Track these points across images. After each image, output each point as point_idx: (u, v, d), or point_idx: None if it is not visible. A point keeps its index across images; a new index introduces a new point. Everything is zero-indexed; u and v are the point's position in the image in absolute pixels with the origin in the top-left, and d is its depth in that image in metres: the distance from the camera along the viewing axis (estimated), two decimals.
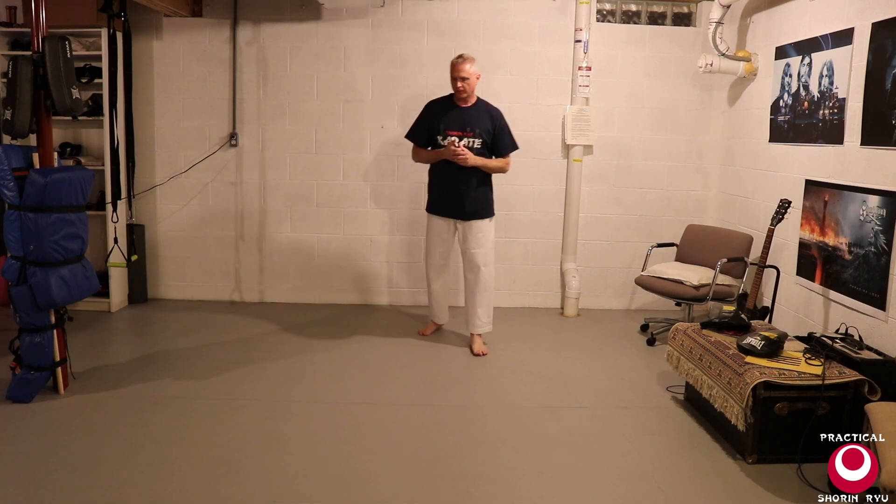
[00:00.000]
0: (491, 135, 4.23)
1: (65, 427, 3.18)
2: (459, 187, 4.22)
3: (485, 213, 4.30)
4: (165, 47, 5.23)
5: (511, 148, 4.33)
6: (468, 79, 4.13)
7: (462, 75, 4.12)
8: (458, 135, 4.18)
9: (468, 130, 4.19)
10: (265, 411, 3.41)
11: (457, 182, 4.22)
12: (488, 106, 4.30)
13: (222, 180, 5.36)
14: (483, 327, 4.40)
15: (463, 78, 4.12)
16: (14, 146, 3.38)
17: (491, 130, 4.22)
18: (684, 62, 5.25)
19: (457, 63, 4.14)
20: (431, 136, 4.29)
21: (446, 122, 4.22)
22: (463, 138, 4.17)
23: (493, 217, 4.36)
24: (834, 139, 3.80)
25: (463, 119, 4.21)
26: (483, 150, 4.22)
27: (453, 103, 4.27)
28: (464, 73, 4.12)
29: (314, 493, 2.68)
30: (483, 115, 4.24)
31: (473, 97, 4.25)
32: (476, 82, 4.21)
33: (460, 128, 4.19)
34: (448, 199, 4.29)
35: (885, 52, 3.36)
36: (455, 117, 4.22)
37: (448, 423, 3.36)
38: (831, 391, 2.93)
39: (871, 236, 3.41)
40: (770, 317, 4.10)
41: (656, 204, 5.44)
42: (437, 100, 4.37)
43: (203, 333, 4.64)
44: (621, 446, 3.15)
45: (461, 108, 4.24)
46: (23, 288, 3.31)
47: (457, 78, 4.13)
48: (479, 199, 4.27)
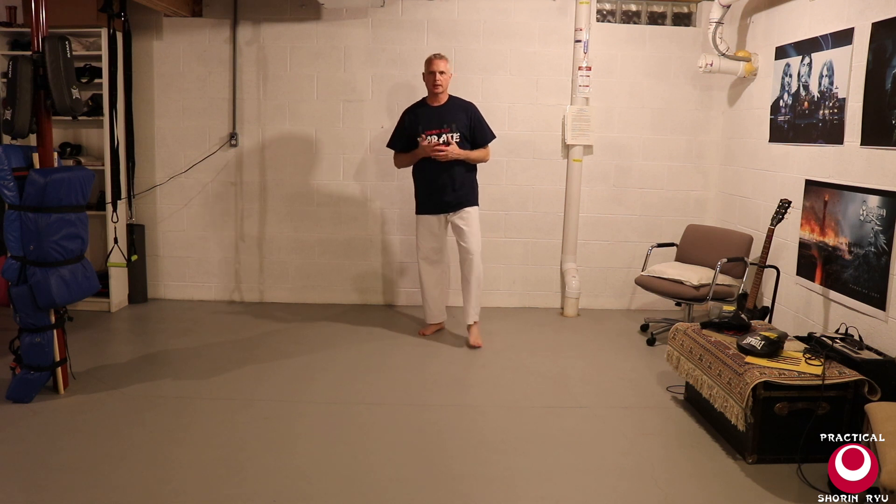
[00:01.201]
0: (468, 128, 4.39)
1: (65, 427, 3.18)
2: (444, 178, 4.36)
3: (472, 200, 4.46)
4: (165, 47, 5.23)
5: (490, 137, 4.49)
6: (445, 73, 4.34)
7: (440, 69, 4.32)
8: (437, 132, 4.34)
9: (445, 127, 4.35)
10: (265, 411, 3.41)
11: (441, 174, 4.36)
12: (461, 101, 4.48)
13: (222, 180, 5.36)
14: (476, 315, 4.52)
15: (441, 72, 4.32)
16: (14, 146, 3.38)
17: (468, 123, 4.39)
18: (684, 62, 5.25)
19: (434, 58, 4.36)
20: (410, 140, 4.44)
21: (423, 122, 4.38)
22: (442, 135, 4.34)
23: (478, 206, 4.51)
24: (834, 139, 3.80)
25: (439, 117, 4.38)
26: (463, 143, 4.38)
27: (426, 105, 4.45)
28: (441, 66, 4.33)
29: (314, 493, 2.68)
30: (457, 110, 4.41)
31: (446, 95, 4.43)
32: (449, 80, 4.40)
33: (437, 125, 4.35)
34: (435, 195, 4.42)
35: (885, 52, 3.36)
36: (431, 116, 4.39)
37: (448, 423, 3.36)
38: (831, 391, 2.93)
39: (871, 236, 3.41)
40: (770, 317, 4.10)
41: (656, 204, 5.44)
42: (411, 106, 4.53)
43: (203, 333, 4.64)
44: (621, 446, 3.15)
45: (435, 108, 4.42)
46: (23, 288, 3.31)
47: (434, 72, 4.32)
48: (465, 187, 4.42)
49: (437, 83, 4.34)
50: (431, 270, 4.61)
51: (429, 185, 4.43)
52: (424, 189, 4.47)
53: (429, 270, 4.60)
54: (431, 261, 4.58)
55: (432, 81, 4.35)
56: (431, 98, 4.44)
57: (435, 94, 4.39)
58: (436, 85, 4.34)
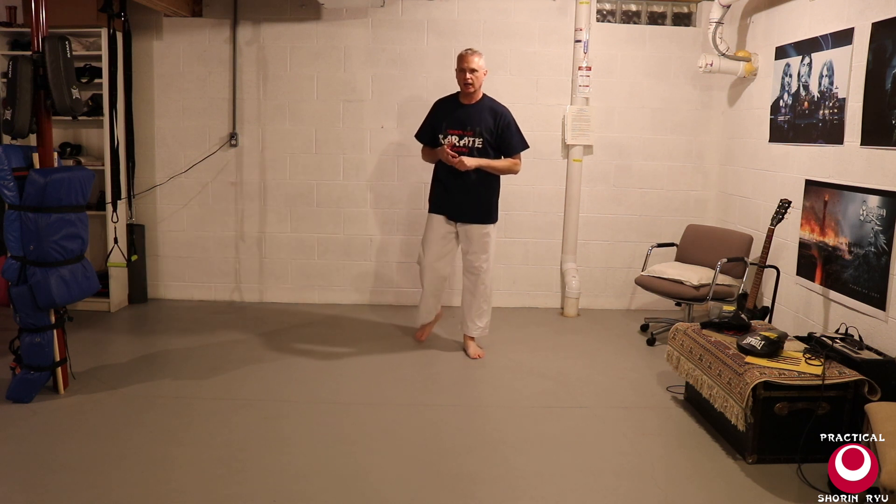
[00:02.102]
0: (494, 133, 4.04)
1: (65, 427, 3.18)
2: (457, 189, 4.08)
3: (484, 219, 4.12)
4: (165, 47, 5.23)
5: (520, 147, 4.12)
6: (477, 71, 3.98)
7: (471, 66, 3.96)
8: (459, 133, 4.04)
9: (468, 129, 4.04)
10: (265, 411, 3.41)
11: (455, 183, 4.08)
12: (494, 103, 4.13)
13: (222, 180, 5.36)
14: (477, 331, 4.27)
15: (472, 69, 3.97)
16: (14, 146, 3.38)
17: (493, 129, 4.03)
18: (684, 62, 5.25)
19: (466, 54, 4.00)
20: (434, 135, 4.16)
21: (448, 120, 4.08)
22: (463, 138, 4.03)
23: (495, 223, 4.18)
24: (834, 139, 3.80)
25: (464, 117, 4.06)
26: (485, 150, 4.04)
27: (458, 101, 4.13)
28: (473, 64, 3.97)
29: (314, 493, 2.68)
30: (486, 113, 4.06)
31: (480, 93, 4.10)
32: (483, 77, 4.07)
33: (461, 126, 4.05)
34: (446, 200, 4.15)
35: (885, 52, 3.36)
36: (457, 115, 4.08)
37: (448, 423, 3.36)
38: (831, 391, 2.93)
39: (871, 236, 3.41)
40: (770, 317, 4.10)
41: (656, 204, 5.44)
42: (444, 98, 4.23)
43: (203, 333, 4.64)
44: (621, 446, 3.15)
45: (464, 106, 4.09)
46: (23, 288, 3.31)
47: (465, 69, 3.97)
48: (478, 203, 4.10)
49: (467, 81, 3.98)
50: (430, 278, 4.28)
51: (442, 189, 4.14)
52: (438, 190, 4.18)
53: (430, 278, 4.28)
54: (432, 269, 4.25)
55: (462, 79, 4.00)
56: (464, 96, 4.09)
57: (467, 93, 4.05)
58: (466, 84, 3.99)
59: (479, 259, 4.16)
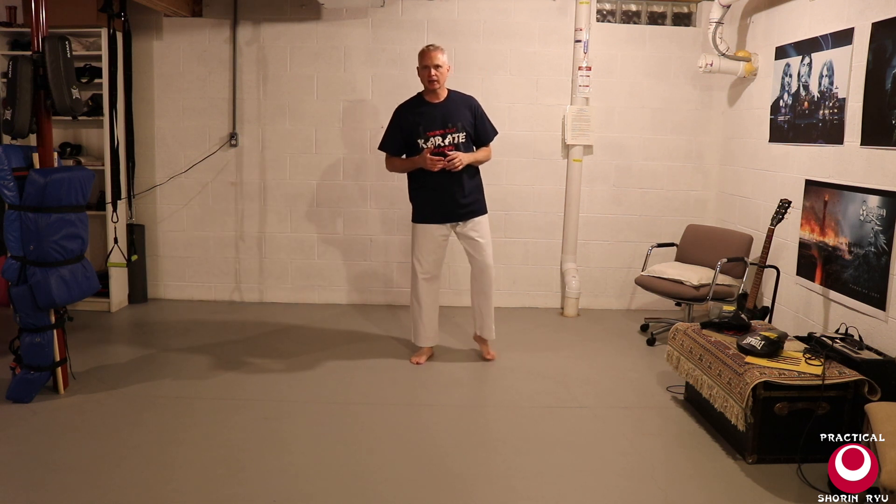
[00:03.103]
0: (473, 125, 3.97)
1: (65, 427, 3.18)
2: (452, 189, 3.94)
3: (483, 208, 4.10)
4: (165, 47, 5.23)
5: (493, 134, 4.09)
6: (441, 66, 3.86)
7: (435, 62, 3.84)
8: (441, 133, 3.88)
9: (450, 126, 3.89)
10: (265, 411, 3.41)
11: (448, 184, 3.93)
12: (461, 95, 4.04)
13: (222, 180, 5.36)
14: (493, 332, 4.23)
15: (436, 66, 3.84)
16: (14, 146, 3.38)
17: (472, 121, 3.97)
18: (684, 62, 5.25)
19: (428, 51, 3.88)
20: (408, 142, 3.97)
21: (424, 123, 3.89)
22: (446, 136, 3.89)
23: (488, 213, 4.16)
24: (834, 139, 3.80)
25: (441, 116, 3.91)
26: (468, 144, 3.97)
27: (425, 102, 3.96)
28: (437, 60, 3.85)
29: (314, 493, 2.68)
30: (460, 106, 3.96)
31: (444, 90, 3.97)
32: (447, 74, 3.94)
33: (441, 126, 3.89)
34: (440, 205, 3.97)
35: (885, 52, 3.36)
36: (432, 115, 3.90)
37: (448, 423, 3.36)
38: (831, 391, 2.93)
39: (871, 236, 3.41)
40: (770, 317, 4.10)
41: (656, 204, 5.44)
42: (406, 103, 4.03)
43: (203, 333, 4.64)
44: (621, 446, 3.15)
45: (435, 105, 3.94)
46: (23, 288, 3.31)
47: (429, 66, 3.84)
48: (475, 194, 4.03)
49: (432, 78, 3.85)
50: (430, 290, 4.11)
51: (434, 195, 3.95)
52: (428, 196, 3.98)
53: (428, 290, 4.10)
54: (432, 276, 4.09)
55: (427, 77, 3.87)
56: (429, 94, 3.95)
57: (432, 90, 3.92)
58: (431, 81, 3.86)
59: (488, 255, 4.09)
